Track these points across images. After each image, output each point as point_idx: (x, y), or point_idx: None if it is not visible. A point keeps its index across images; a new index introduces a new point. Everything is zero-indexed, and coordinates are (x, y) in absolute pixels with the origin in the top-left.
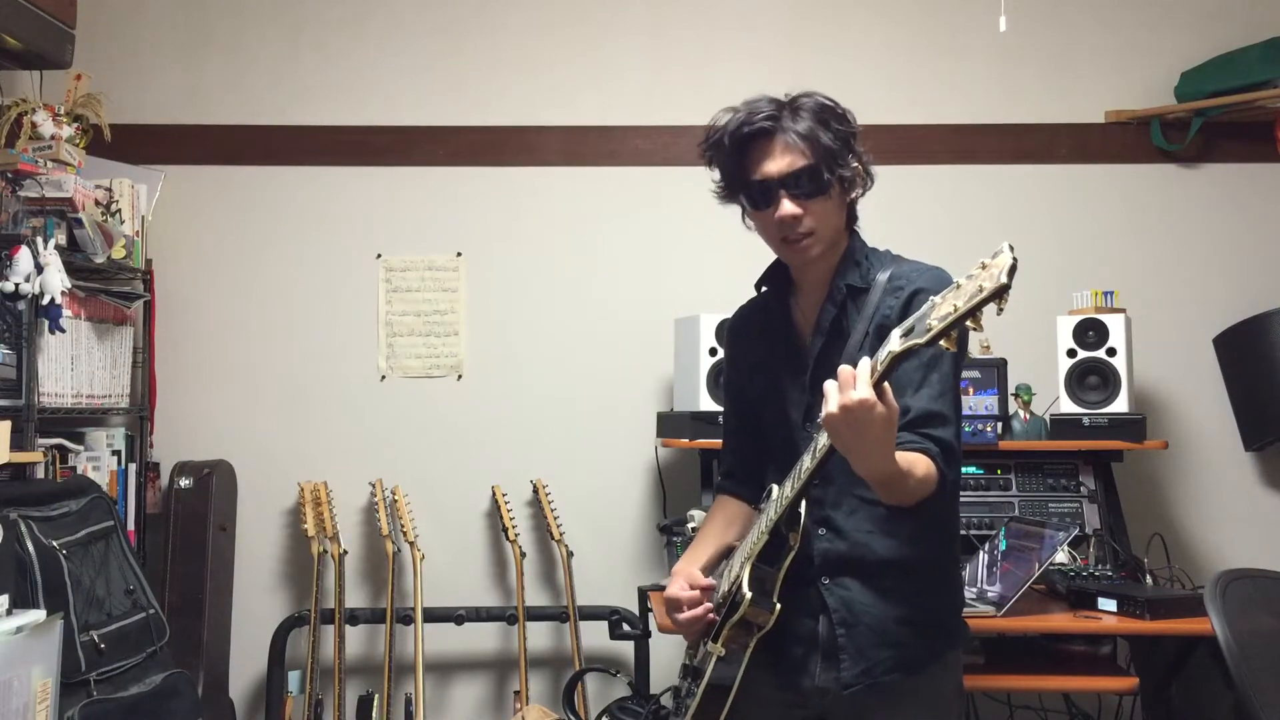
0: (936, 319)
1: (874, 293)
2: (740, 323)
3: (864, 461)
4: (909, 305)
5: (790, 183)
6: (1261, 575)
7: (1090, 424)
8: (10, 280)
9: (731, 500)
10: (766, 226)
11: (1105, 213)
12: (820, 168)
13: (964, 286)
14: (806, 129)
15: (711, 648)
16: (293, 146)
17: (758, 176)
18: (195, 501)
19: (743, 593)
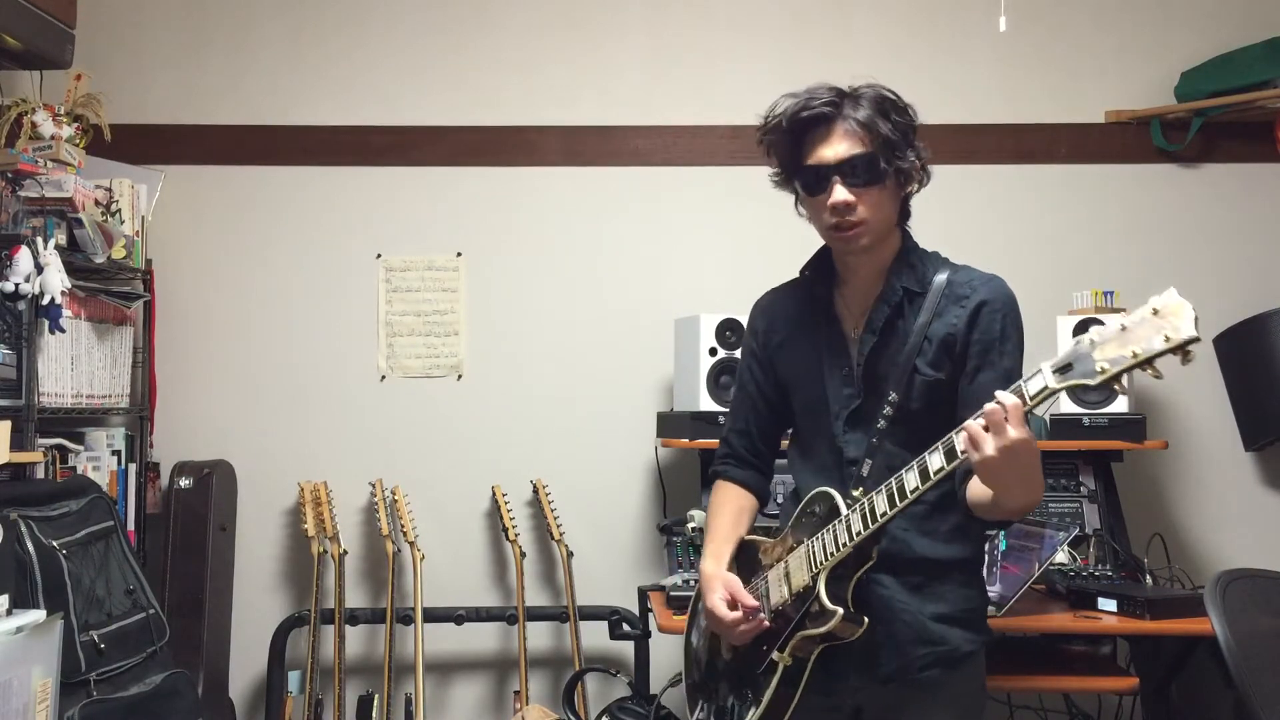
0: (1106, 361)
1: (930, 297)
2: (774, 302)
3: (1019, 495)
4: (976, 318)
5: (846, 169)
6: (1261, 575)
7: (1090, 424)
8: (10, 280)
9: (734, 488)
10: (818, 213)
11: (1105, 213)
12: (877, 156)
13: (1131, 330)
14: (866, 117)
15: (778, 657)
16: (293, 146)
17: (812, 161)
18: (195, 501)
19: (831, 608)
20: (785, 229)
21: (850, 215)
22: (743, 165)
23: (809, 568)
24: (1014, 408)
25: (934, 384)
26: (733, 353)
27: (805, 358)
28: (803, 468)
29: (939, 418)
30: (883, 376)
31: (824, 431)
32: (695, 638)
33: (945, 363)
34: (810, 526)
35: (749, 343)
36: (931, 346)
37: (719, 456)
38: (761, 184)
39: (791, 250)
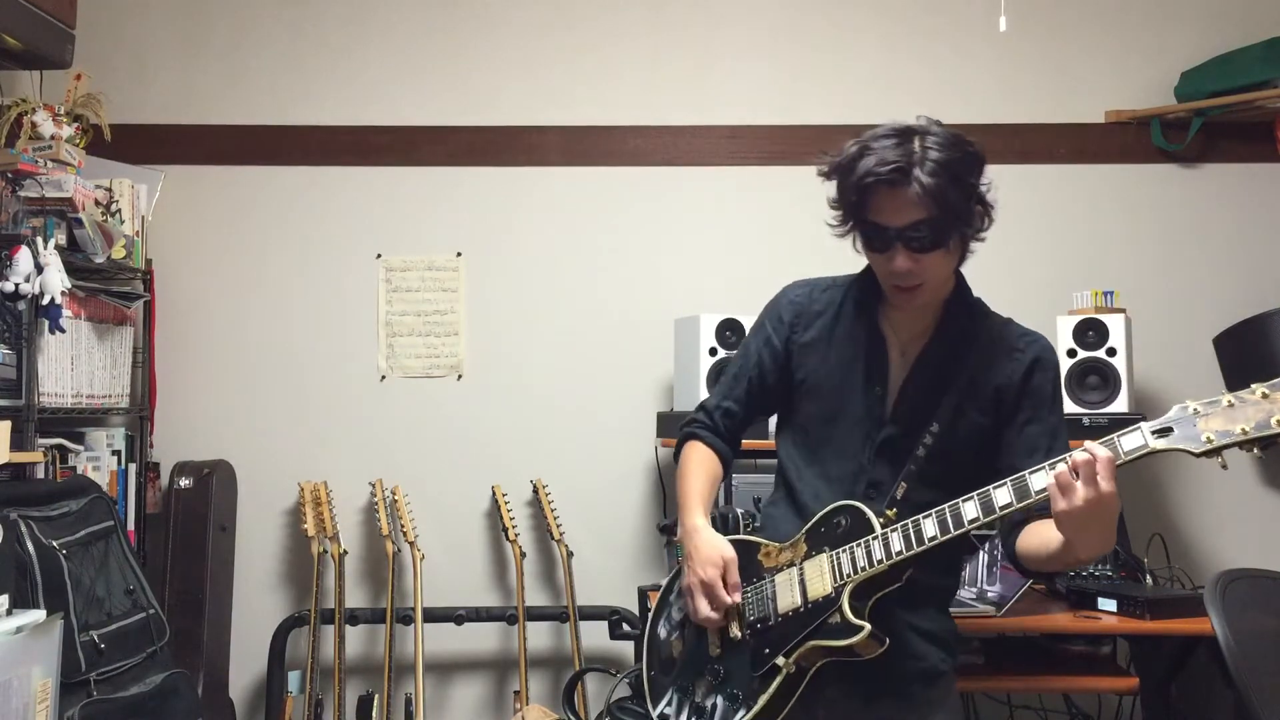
0: (1212, 432)
1: (983, 344)
2: (808, 297)
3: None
4: (1030, 375)
5: (909, 235)
6: (1261, 575)
7: (1090, 424)
8: (10, 280)
9: (709, 451)
10: (878, 267)
11: (1105, 213)
12: (942, 224)
13: (1239, 408)
14: (934, 186)
15: (783, 663)
16: (293, 146)
17: (877, 219)
18: (195, 501)
19: (857, 623)
20: (785, 229)
21: (910, 281)
22: (743, 165)
23: (832, 578)
24: (1106, 460)
25: (978, 430)
26: (732, 352)
27: (837, 367)
28: (809, 473)
29: (972, 460)
30: (924, 409)
31: (843, 444)
32: (665, 629)
33: (992, 411)
34: (833, 538)
35: (768, 328)
36: (982, 393)
37: (696, 421)
38: (761, 184)
39: (791, 250)
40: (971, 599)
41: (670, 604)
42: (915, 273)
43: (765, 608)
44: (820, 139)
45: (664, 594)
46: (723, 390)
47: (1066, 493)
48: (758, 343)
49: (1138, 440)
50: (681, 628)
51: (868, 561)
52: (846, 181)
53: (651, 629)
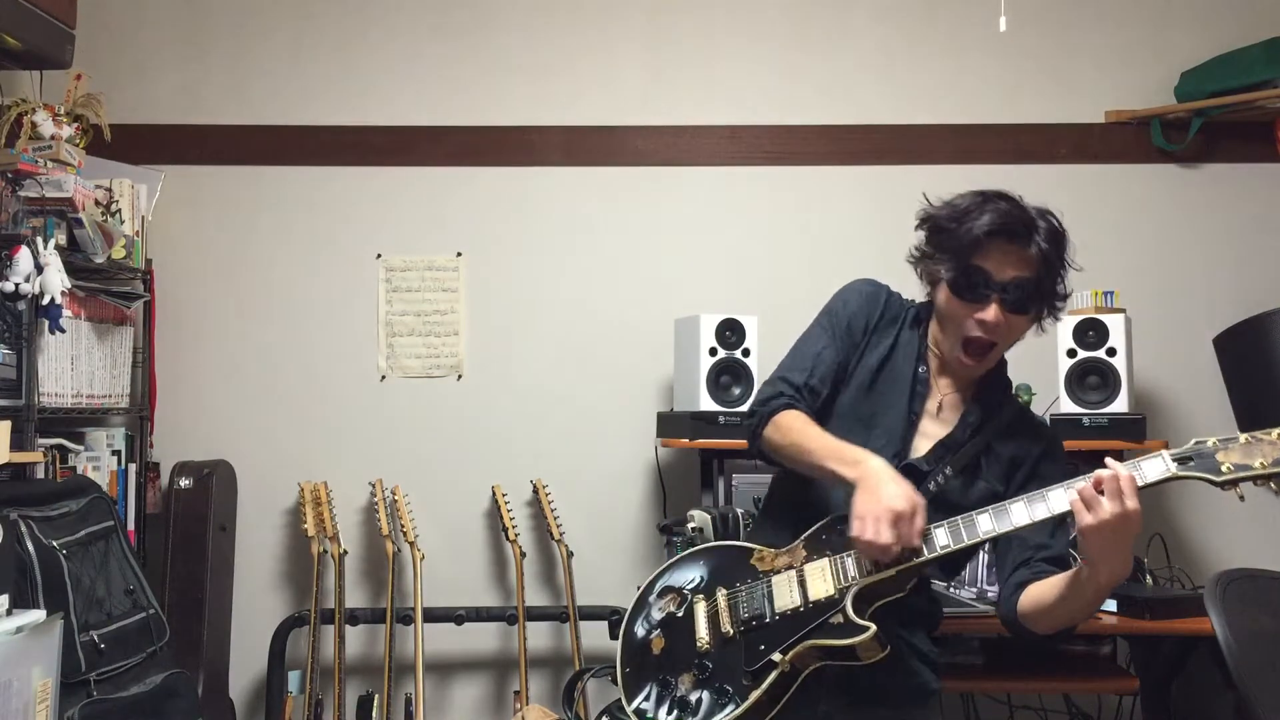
0: (1232, 464)
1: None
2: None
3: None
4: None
5: (1010, 290)
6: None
7: (1090, 424)
8: (10, 280)
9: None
10: (959, 318)
11: (1105, 213)
12: (1041, 289)
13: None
14: (1049, 251)
15: (779, 660)
16: (293, 146)
17: (983, 265)
18: (195, 501)
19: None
20: (786, 229)
21: (992, 335)
22: (743, 165)
23: (835, 580)
24: (1130, 478)
25: (989, 495)
26: (732, 352)
27: (890, 381)
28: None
29: None
30: (949, 463)
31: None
32: (643, 628)
33: (1004, 479)
34: (835, 544)
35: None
36: (999, 461)
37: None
38: (762, 184)
39: (792, 250)
40: (971, 599)
41: (650, 604)
42: (1000, 330)
43: (759, 606)
44: (821, 139)
45: (643, 594)
46: (798, 362)
47: (1093, 506)
48: (842, 322)
49: (1160, 467)
50: (662, 627)
51: (873, 566)
52: (963, 225)
53: (628, 628)
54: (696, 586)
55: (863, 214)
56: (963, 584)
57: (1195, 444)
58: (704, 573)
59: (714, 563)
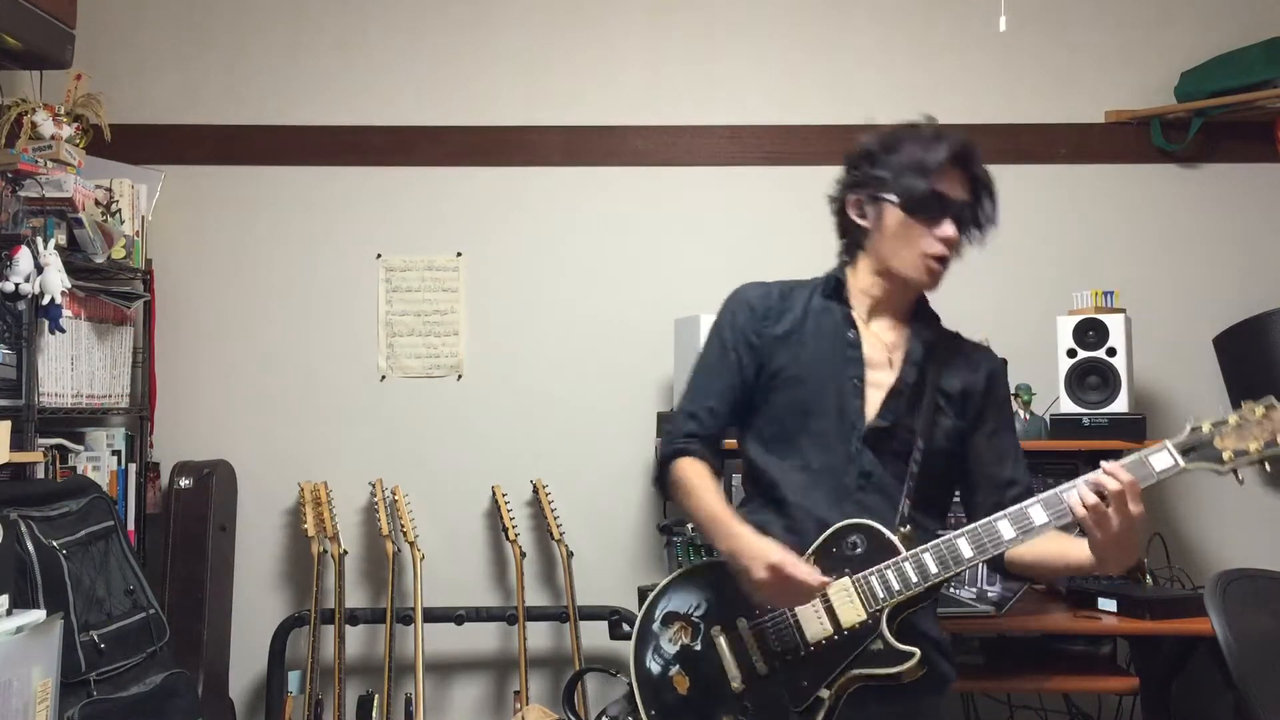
0: (1231, 451)
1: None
2: (772, 293)
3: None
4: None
5: (964, 212)
6: (1261, 575)
7: (1090, 424)
8: (10, 280)
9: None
10: (918, 237)
11: (1105, 213)
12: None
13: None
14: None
15: (825, 694)
16: (293, 146)
17: (945, 191)
18: (195, 501)
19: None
20: (786, 229)
21: (951, 251)
22: (743, 165)
23: (864, 604)
24: (1134, 484)
25: (955, 430)
26: None
27: (813, 358)
28: (786, 466)
29: (951, 465)
30: (907, 411)
31: (822, 434)
32: (658, 664)
33: (962, 414)
34: (851, 560)
35: (737, 322)
36: (951, 396)
37: (685, 433)
38: (762, 184)
39: (792, 250)
40: (971, 599)
41: (656, 635)
42: (953, 249)
43: (790, 637)
44: (821, 139)
45: (645, 622)
46: (702, 392)
47: (1102, 523)
48: (730, 337)
49: (1168, 460)
50: (680, 661)
51: (903, 585)
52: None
53: (639, 662)
54: (707, 613)
55: None
56: (963, 584)
57: (1192, 432)
58: (710, 596)
59: (718, 584)
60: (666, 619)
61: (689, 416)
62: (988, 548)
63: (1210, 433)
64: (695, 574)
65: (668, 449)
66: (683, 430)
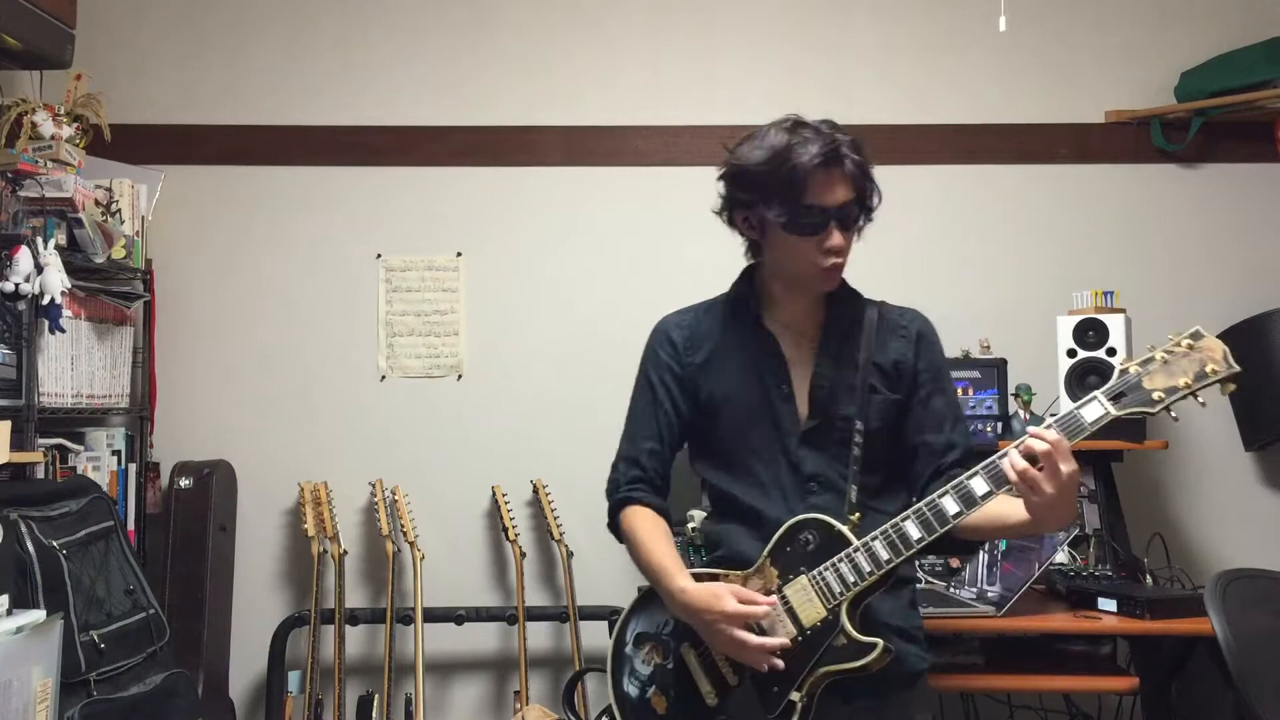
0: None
1: (868, 327)
2: (685, 322)
3: (1063, 518)
4: (919, 348)
5: (843, 214)
6: (1261, 575)
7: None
8: (10, 280)
9: (649, 513)
10: (805, 252)
11: (1105, 213)
12: (864, 204)
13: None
14: (860, 165)
15: (797, 697)
16: (293, 146)
17: (813, 203)
18: (195, 501)
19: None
20: None
21: (842, 256)
22: None
23: (822, 600)
24: (1060, 443)
25: (890, 404)
26: None
27: (739, 376)
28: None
29: (891, 441)
30: (838, 398)
31: (770, 448)
32: (635, 687)
33: (899, 386)
34: (805, 556)
35: (662, 358)
36: (881, 372)
37: (628, 480)
38: None
39: None
40: (971, 599)
41: (630, 657)
42: (844, 251)
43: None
44: None
45: (617, 645)
46: (636, 437)
47: (1034, 486)
48: (656, 376)
49: (1098, 410)
50: (655, 681)
51: (857, 576)
52: (781, 173)
53: (617, 687)
54: (675, 630)
55: None
56: (963, 584)
57: (1120, 376)
58: None
59: None
60: (638, 640)
61: (630, 463)
62: (934, 526)
63: (1137, 374)
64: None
65: (615, 498)
66: (626, 478)
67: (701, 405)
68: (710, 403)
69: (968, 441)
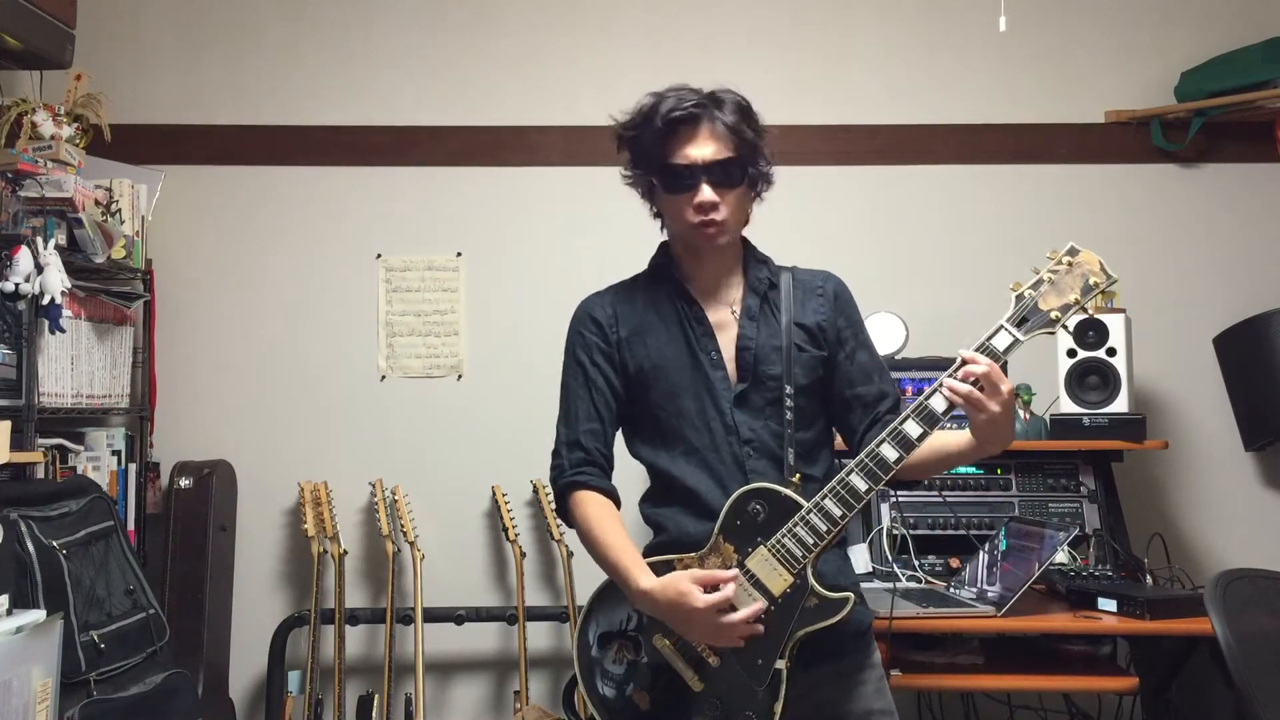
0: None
1: (785, 290)
2: (606, 300)
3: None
4: (838, 305)
5: (715, 170)
6: (1261, 575)
7: (1090, 424)
8: (10, 280)
9: (604, 499)
10: (680, 210)
11: (1105, 213)
12: (740, 160)
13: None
14: (733, 122)
15: (782, 664)
16: (293, 146)
17: (679, 160)
18: (195, 501)
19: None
20: (785, 229)
21: (715, 215)
22: None
23: (786, 566)
24: (993, 366)
25: (816, 361)
26: None
27: (665, 345)
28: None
29: (818, 397)
30: (765, 360)
31: (704, 416)
32: (612, 689)
33: (822, 344)
34: (759, 527)
35: (588, 337)
36: (805, 332)
37: (573, 464)
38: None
39: (791, 250)
40: (971, 599)
41: (598, 660)
42: (719, 207)
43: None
44: (821, 139)
45: (581, 651)
46: (573, 420)
47: (982, 405)
48: (585, 356)
49: (1006, 338)
50: (632, 679)
51: (815, 536)
52: (649, 129)
53: (593, 694)
54: (640, 625)
55: (862, 214)
56: (963, 584)
57: (1018, 302)
58: None
59: None
60: (602, 642)
61: (573, 445)
62: (879, 474)
63: (1032, 298)
64: (614, 588)
65: (560, 484)
66: (570, 461)
67: (632, 379)
68: (640, 375)
69: (895, 390)
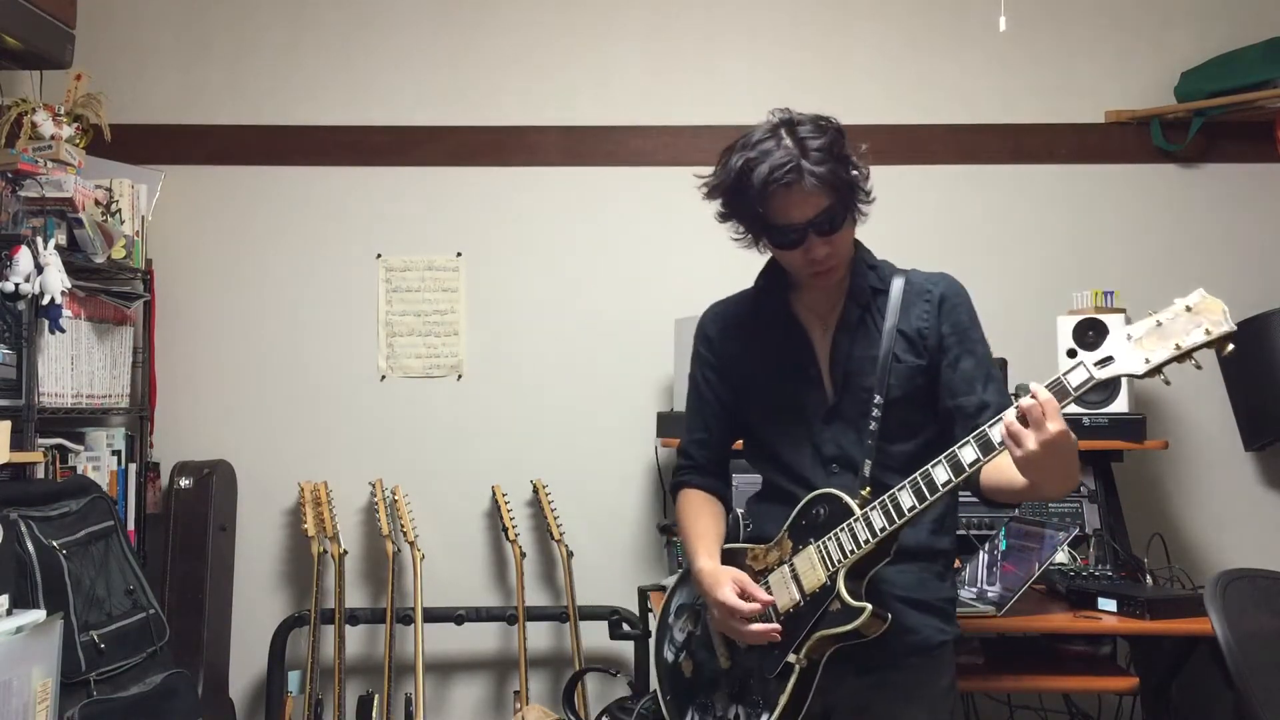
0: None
1: (894, 296)
2: (723, 312)
3: (1058, 483)
4: (942, 311)
5: (820, 223)
6: (1261, 575)
7: (1090, 424)
8: (10, 280)
9: (702, 494)
10: (792, 261)
11: (1105, 213)
12: (842, 203)
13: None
14: (826, 172)
15: (794, 659)
16: (293, 146)
17: (783, 222)
18: (195, 501)
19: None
20: None
21: (830, 263)
22: None
23: (824, 567)
24: (1050, 403)
25: (915, 370)
26: None
27: (766, 363)
28: (774, 470)
29: (920, 407)
30: (859, 372)
31: (796, 433)
32: (671, 653)
33: (923, 352)
34: (816, 528)
35: (701, 352)
36: (906, 340)
37: (680, 468)
38: None
39: None
40: (971, 599)
41: (670, 626)
42: (832, 255)
43: (766, 611)
44: None
45: (662, 618)
46: (689, 428)
47: (1020, 441)
48: (698, 369)
49: (1083, 374)
50: (686, 647)
51: (855, 544)
52: (745, 196)
53: (658, 655)
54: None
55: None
56: (963, 584)
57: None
58: None
59: None
60: (679, 611)
61: (682, 453)
62: (925, 494)
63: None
64: None
65: (670, 484)
66: (679, 466)
67: (741, 392)
68: (745, 390)
69: (1002, 399)
